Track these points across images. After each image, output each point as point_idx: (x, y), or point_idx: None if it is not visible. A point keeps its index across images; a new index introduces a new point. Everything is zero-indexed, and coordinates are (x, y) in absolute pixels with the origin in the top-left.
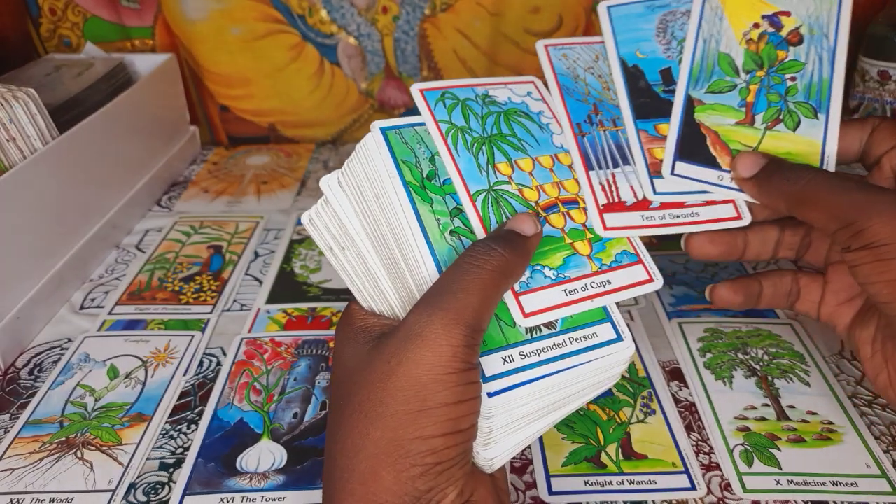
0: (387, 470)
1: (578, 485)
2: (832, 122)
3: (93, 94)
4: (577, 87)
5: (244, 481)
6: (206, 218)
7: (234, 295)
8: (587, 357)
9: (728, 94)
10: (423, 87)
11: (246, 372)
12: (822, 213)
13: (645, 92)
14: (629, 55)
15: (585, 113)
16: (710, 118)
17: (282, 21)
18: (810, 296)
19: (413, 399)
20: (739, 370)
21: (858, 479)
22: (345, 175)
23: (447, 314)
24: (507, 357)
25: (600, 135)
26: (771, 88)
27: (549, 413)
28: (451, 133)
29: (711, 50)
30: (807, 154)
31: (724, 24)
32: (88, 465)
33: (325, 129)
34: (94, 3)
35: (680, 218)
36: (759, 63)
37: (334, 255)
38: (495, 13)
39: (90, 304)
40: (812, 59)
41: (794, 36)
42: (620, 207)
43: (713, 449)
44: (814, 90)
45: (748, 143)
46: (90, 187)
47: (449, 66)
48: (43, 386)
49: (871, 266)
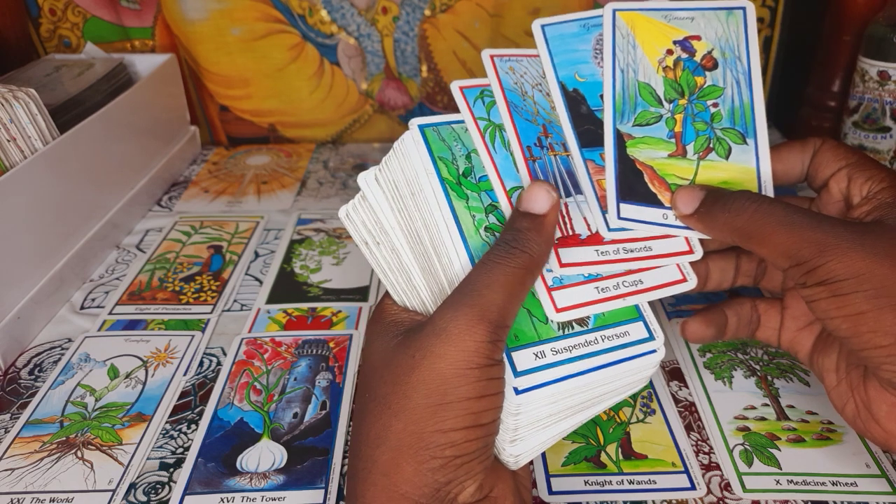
0: (408, 461)
1: (578, 485)
2: (761, 146)
3: (93, 95)
4: (525, 105)
5: (244, 481)
6: (206, 218)
7: (234, 295)
8: (618, 355)
9: (655, 125)
10: (462, 84)
11: (246, 372)
12: (772, 251)
13: (587, 118)
14: (569, 78)
15: (535, 135)
16: (643, 153)
17: (282, 21)
18: (770, 322)
19: (435, 392)
20: (739, 370)
21: (858, 479)
22: (382, 171)
23: (472, 311)
24: (539, 353)
25: (551, 160)
26: (696, 116)
27: (577, 413)
28: (489, 130)
29: (630, 80)
30: (743, 182)
31: (639, 51)
32: (89, 464)
33: (325, 130)
34: (94, 4)
35: (634, 252)
36: (680, 91)
37: (369, 250)
38: (495, 14)
39: (90, 303)
40: (730, 82)
41: (708, 60)
42: (575, 242)
43: (713, 449)
44: (738, 115)
45: (684, 176)
46: (90, 187)
47: (449, 67)
48: (43, 386)
49: (828, 301)
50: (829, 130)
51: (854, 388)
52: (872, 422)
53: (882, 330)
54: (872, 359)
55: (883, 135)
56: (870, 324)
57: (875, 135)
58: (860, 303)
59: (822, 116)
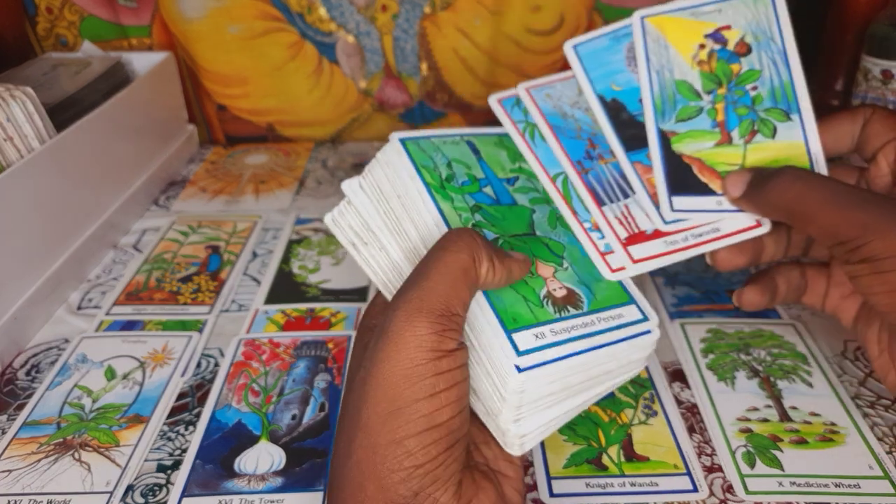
0: (369, 479)
1: (580, 487)
2: (807, 120)
3: (90, 94)
4: (567, 124)
5: (242, 483)
6: (203, 218)
7: (232, 295)
8: (615, 335)
9: (697, 118)
10: (499, 96)
11: (244, 373)
12: (817, 229)
13: (630, 124)
14: (606, 90)
15: (583, 149)
16: (689, 146)
17: (280, 19)
18: (816, 288)
19: (382, 400)
20: (742, 371)
21: (861, 481)
22: (366, 178)
23: (408, 305)
24: (539, 334)
25: (603, 168)
26: (737, 102)
27: (577, 394)
28: (528, 130)
29: (667, 80)
30: (793, 158)
31: (671, 51)
32: (86, 466)
33: (324, 129)
34: (92, 2)
35: (703, 236)
36: (717, 81)
37: (357, 251)
38: (496, 12)
39: (87, 304)
40: (766, 64)
41: (741, 47)
42: (642, 237)
43: (715, 450)
44: (779, 94)
45: (733, 162)
46: (87, 187)
47: (449, 65)
48: (40, 387)
49: (870, 278)
50: None
51: (895, 358)
52: None
53: None
54: None
55: None
56: None
57: None
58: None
59: None
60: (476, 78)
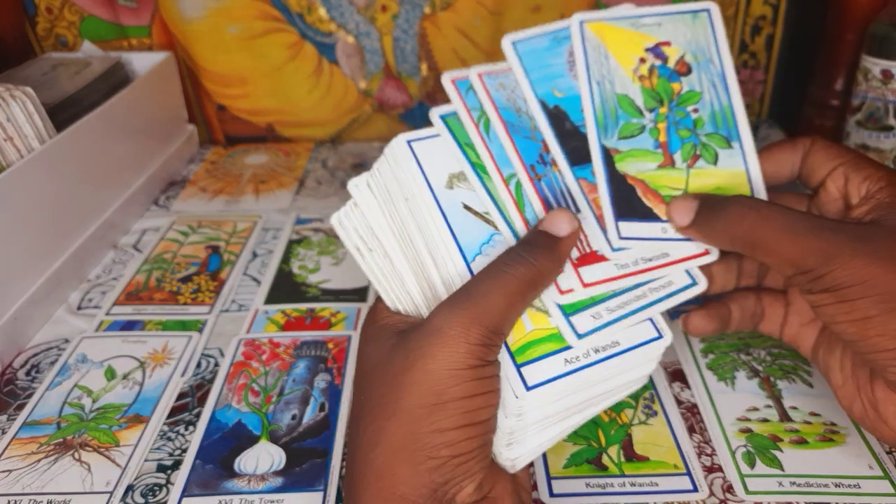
0: (403, 463)
1: (580, 487)
2: (747, 147)
3: (90, 93)
4: (521, 121)
5: (242, 483)
6: (203, 217)
7: (232, 295)
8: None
9: (640, 136)
10: (454, 76)
11: (244, 373)
12: (777, 259)
13: (573, 135)
14: (548, 95)
15: (537, 152)
16: (632, 166)
17: (280, 19)
18: (773, 316)
19: (429, 393)
20: (742, 371)
21: (861, 481)
22: (374, 177)
23: (467, 313)
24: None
25: (556, 176)
26: (679, 124)
27: (576, 413)
28: (483, 120)
29: (608, 92)
30: (735, 186)
31: (612, 62)
32: (86, 466)
33: (324, 129)
34: (92, 2)
35: (653, 261)
36: (659, 99)
37: (361, 256)
38: (496, 12)
39: (87, 304)
40: (706, 86)
41: (681, 66)
42: (594, 258)
43: (715, 451)
44: (719, 118)
45: (676, 186)
46: (87, 187)
47: (449, 65)
48: (40, 387)
49: (835, 307)
50: (832, 129)
51: (861, 389)
52: (881, 422)
53: (889, 334)
54: (879, 361)
55: (886, 133)
56: (877, 328)
57: (878, 133)
58: (867, 308)
59: (825, 115)
60: None
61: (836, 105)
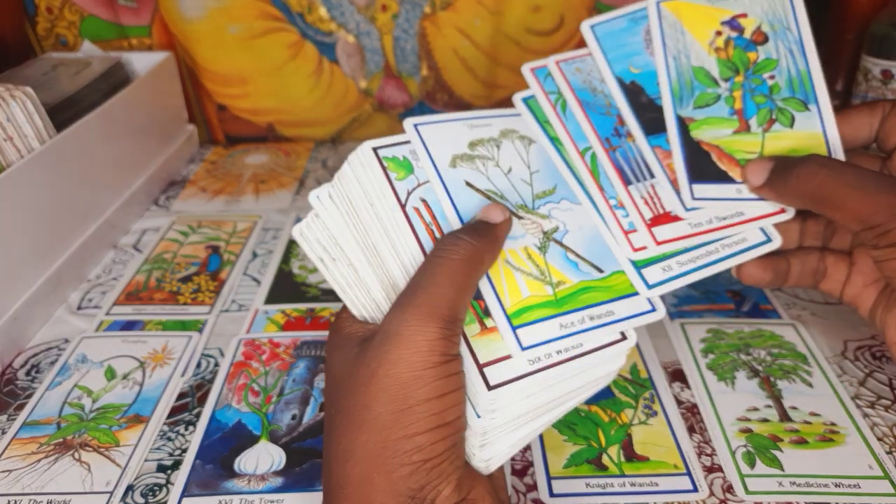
0: (377, 472)
1: (580, 487)
2: (824, 110)
3: (90, 93)
4: (596, 100)
5: (242, 483)
6: (203, 217)
7: (232, 295)
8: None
9: (715, 105)
10: (532, 65)
11: (244, 373)
12: (845, 214)
13: (649, 107)
14: (624, 72)
15: (611, 126)
16: (707, 133)
17: (280, 19)
18: (836, 275)
19: (395, 399)
20: (742, 371)
21: (861, 481)
22: (336, 187)
23: (420, 310)
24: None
25: (631, 146)
26: (755, 91)
27: (545, 413)
28: (560, 102)
29: (684, 66)
30: (812, 147)
31: (688, 37)
32: (86, 466)
33: (324, 129)
34: (92, 2)
35: (727, 219)
36: (735, 69)
37: (325, 267)
38: (496, 12)
39: (87, 304)
40: (783, 53)
41: (758, 35)
42: (668, 219)
43: (715, 451)
44: (796, 83)
45: (752, 150)
46: (87, 187)
47: (449, 65)
48: (40, 387)
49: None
50: None
51: None
52: None
53: None
54: None
55: None
56: None
57: None
58: None
59: None
60: (476, 78)
61: (837, 105)
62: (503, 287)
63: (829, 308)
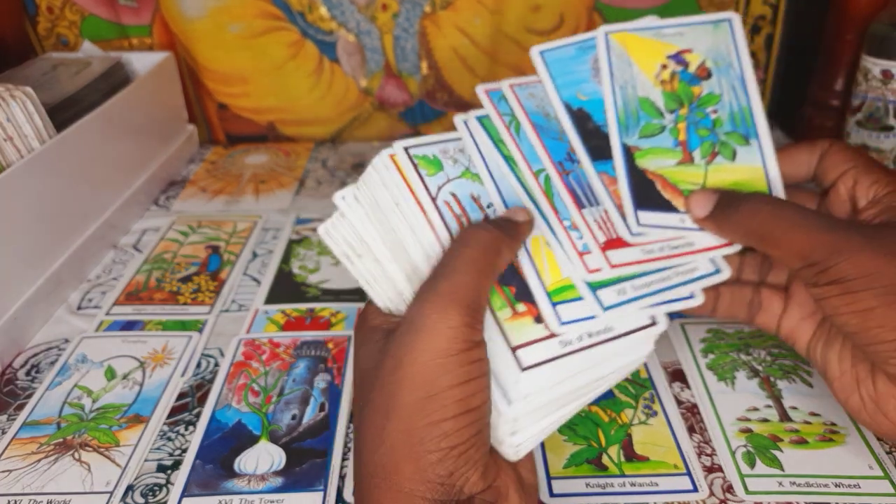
0: (406, 460)
1: (580, 487)
2: (765, 145)
3: (90, 93)
4: (549, 125)
5: (242, 483)
6: (203, 217)
7: (232, 295)
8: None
9: (660, 136)
10: (486, 87)
11: (244, 373)
12: (786, 252)
13: (595, 134)
14: (572, 98)
15: (564, 151)
16: (652, 163)
17: (281, 18)
18: (772, 309)
19: (420, 387)
20: (742, 371)
21: (861, 481)
22: (360, 189)
23: (441, 297)
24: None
25: (583, 172)
26: (698, 124)
27: (573, 400)
28: (513, 124)
29: (630, 95)
30: (753, 181)
31: (635, 68)
32: (86, 466)
33: (325, 127)
34: (93, 2)
35: (678, 248)
36: (679, 101)
37: (351, 262)
38: (496, 11)
39: (87, 304)
40: (726, 89)
41: (702, 71)
42: (621, 243)
43: (715, 451)
44: (738, 118)
45: (695, 182)
46: (87, 187)
47: (449, 64)
48: (40, 387)
49: (839, 299)
50: (832, 129)
51: (861, 383)
52: (880, 415)
53: (889, 325)
54: (880, 353)
55: (886, 134)
56: (878, 319)
57: (878, 134)
58: (869, 299)
59: (825, 115)
60: (476, 77)
61: (836, 105)
62: (544, 265)
63: None
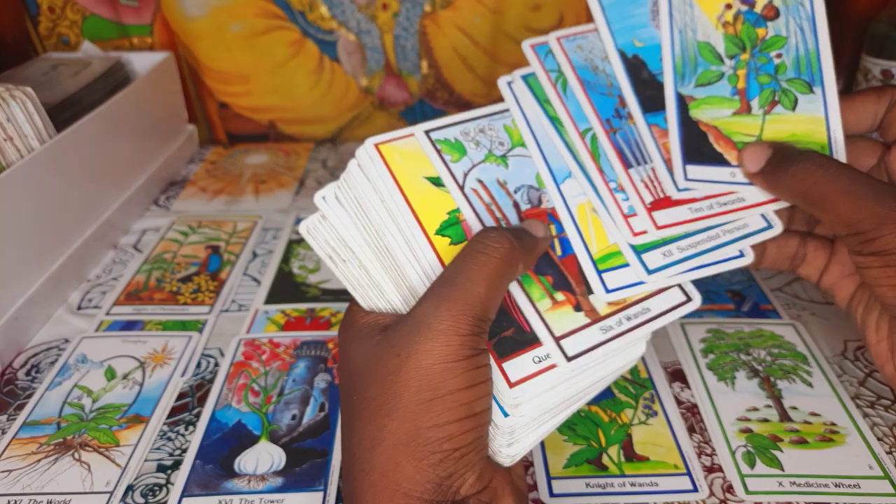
0: (407, 459)
1: (580, 487)
2: (829, 94)
3: (90, 93)
4: (597, 79)
5: (242, 483)
6: (203, 217)
7: (232, 295)
8: None
9: (717, 84)
10: (533, 42)
11: (244, 373)
12: (833, 218)
13: (649, 83)
14: (627, 45)
15: (612, 107)
16: (707, 113)
17: (282, 17)
18: (816, 262)
19: (426, 388)
20: (742, 371)
21: (861, 481)
22: (342, 188)
23: (454, 305)
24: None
25: (632, 128)
26: (759, 70)
27: (568, 407)
28: (560, 80)
29: (689, 40)
30: (812, 133)
31: (696, 10)
32: (86, 466)
33: (325, 126)
34: (93, 1)
35: (728, 205)
36: (741, 45)
37: (335, 265)
38: (495, 10)
39: (87, 304)
40: (793, 30)
41: (769, 10)
42: (668, 203)
43: (715, 451)
44: (803, 63)
45: (750, 133)
46: (87, 187)
47: (449, 63)
48: (40, 387)
49: (880, 270)
50: None
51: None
52: None
53: None
54: None
55: None
56: None
57: None
58: None
59: None
60: (476, 76)
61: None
62: (590, 233)
63: (829, 308)
